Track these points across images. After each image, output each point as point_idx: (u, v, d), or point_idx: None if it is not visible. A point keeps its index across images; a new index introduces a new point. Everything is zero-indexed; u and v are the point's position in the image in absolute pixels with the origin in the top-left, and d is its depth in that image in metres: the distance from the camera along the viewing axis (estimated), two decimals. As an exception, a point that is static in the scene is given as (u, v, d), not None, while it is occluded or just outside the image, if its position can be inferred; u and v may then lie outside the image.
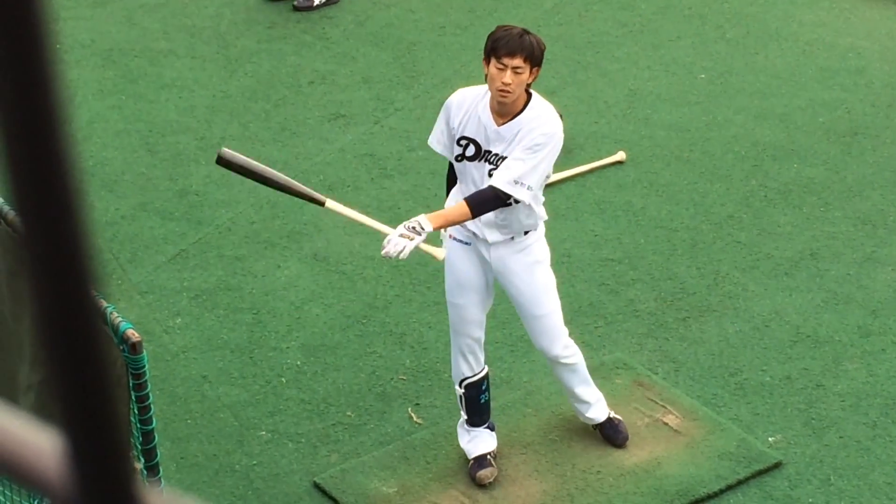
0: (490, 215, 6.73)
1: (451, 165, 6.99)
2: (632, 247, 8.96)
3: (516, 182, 6.57)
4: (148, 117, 10.40)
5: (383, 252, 6.59)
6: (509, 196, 6.60)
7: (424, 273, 8.71)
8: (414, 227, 6.56)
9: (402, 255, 6.55)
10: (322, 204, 6.82)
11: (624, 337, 8.20)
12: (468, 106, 6.75)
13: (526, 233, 6.86)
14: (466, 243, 6.92)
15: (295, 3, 11.54)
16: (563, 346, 7.09)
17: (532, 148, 6.59)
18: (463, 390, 7.18)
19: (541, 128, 6.62)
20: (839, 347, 8.15)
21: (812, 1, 12.04)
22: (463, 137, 6.75)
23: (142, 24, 11.65)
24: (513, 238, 6.87)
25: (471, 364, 7.13)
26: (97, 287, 0.95)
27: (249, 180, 8.89)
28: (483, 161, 6.73)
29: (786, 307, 8.44)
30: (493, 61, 6.58)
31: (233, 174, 9.65)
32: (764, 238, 9.03)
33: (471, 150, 6.74)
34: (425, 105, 10.53)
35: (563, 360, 7.12)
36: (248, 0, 11.69)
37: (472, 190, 6.73)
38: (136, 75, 10.95)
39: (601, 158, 9.67)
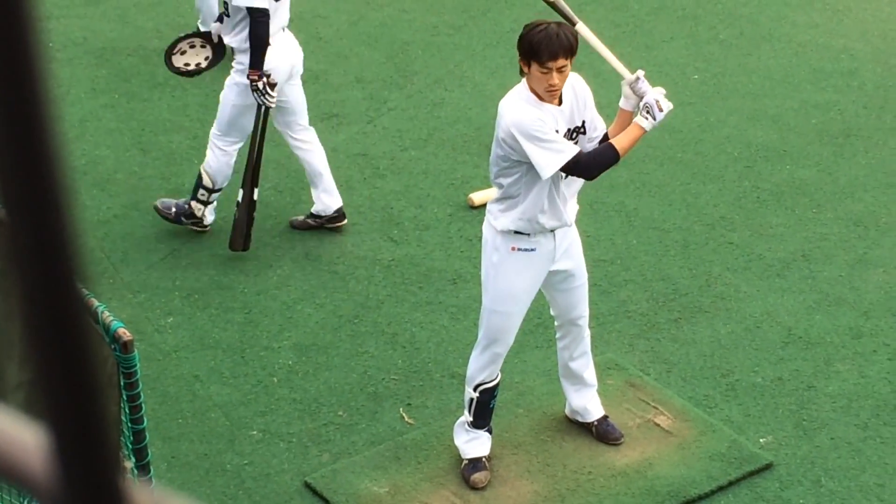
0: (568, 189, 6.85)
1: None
2: (624, 247, 8.96)
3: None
4: (141, 116, 10.39)
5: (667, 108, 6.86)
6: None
7: (416, 273, 8.71)
8: (648, 111, 6.83)
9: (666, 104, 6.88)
10: (574, 24, 6.92)
11: (616, 337, 8.20)
12: (538, 105, 6.64)
13: None
14: (532, 249, 6.83)
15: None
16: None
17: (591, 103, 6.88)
18: (477, 394, 7.16)
19: (585, 87, 6.84)
20: (830, 349, 8.15)
21: (805, 2, 12.06)
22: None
23: (135, 23, 11.64)
24: None
25: (493, 370, 7.13)
26: (85, 283, 0.95)
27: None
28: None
29: (777, 308, 8.45)
30: (534, 65, 6.53)
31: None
32: (756, 239, 9.03)
33: None
34: (418, 105, 10.52)
35: (588, 327, 7.26)
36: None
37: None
38: (129, 74, 10.94)
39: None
